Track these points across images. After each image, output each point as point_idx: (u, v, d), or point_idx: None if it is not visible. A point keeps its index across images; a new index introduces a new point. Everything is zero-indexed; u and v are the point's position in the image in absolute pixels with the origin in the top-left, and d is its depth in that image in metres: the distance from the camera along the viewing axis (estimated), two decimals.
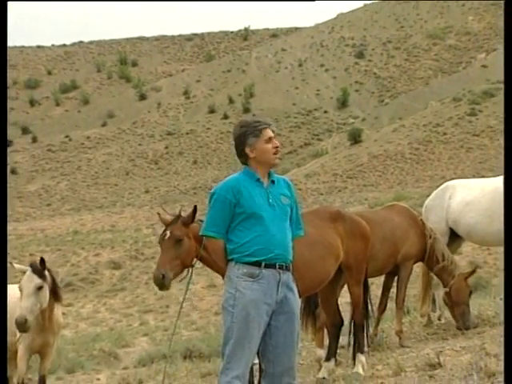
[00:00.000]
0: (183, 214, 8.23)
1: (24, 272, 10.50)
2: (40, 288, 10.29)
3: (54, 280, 10.73)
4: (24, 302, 10.21)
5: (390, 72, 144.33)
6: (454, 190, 13.17)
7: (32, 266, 10.42)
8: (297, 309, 6.86)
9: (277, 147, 6.71)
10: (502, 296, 13.15)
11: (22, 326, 10.03)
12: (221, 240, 6.74)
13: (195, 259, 7.98)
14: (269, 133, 6.70)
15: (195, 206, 8.04)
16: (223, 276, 6.89)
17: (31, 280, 10.35)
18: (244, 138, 6.73)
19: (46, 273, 10.52)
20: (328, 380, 9.58)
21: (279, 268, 6.63)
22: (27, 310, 10.14)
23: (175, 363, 14.63)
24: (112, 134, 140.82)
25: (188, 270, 7.92)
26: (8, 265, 10.02)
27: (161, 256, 8.08)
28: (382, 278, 12.12)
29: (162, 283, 7.84)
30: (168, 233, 8.08)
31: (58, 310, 11.06)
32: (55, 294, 10.69)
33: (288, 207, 6.80)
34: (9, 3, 5.34)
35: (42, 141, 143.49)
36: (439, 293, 13.02)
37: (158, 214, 8.98)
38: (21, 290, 10.40)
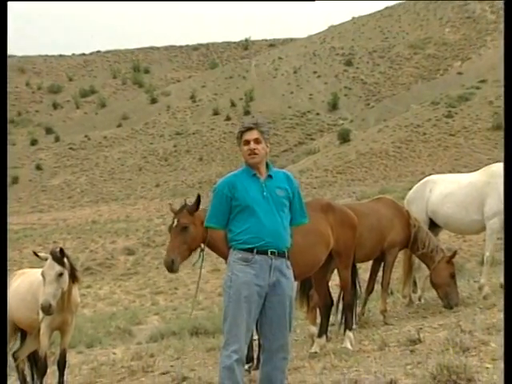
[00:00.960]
0: (189, 204, 8.39)
1: (46, 259, 10.56)
2: (60, 274, 10.43)
3: (71, 265, 10.79)
4: (47, 288, 10.34)
5: (375, 78, 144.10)
6: (433, 184, 13.18)
7: (52, 254, 10.52)
8: (290, 291, 6.90)
9: (250, 149, 6.73)
10: (476, 279, 13.18)
11: (47, 310, 10.23)
12: (221, 230, 6.82)
13: (202, 244, 8.09)
14: (246, 136, 6.78)
15: (198, 195, 8.21)
16: (226, 261, 6.95)
17: (52, 268, 10.45)
18: (237, 140, 6.95)
19: (65, 260, 10.58)
20: (320, 354, 9.59)
21: (271, 254, 6.70)
22: (50, 295, 10.28)
23: (183, 339, 14.63)
24: (126, 133, 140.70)
25: (199, 256, 8.01)
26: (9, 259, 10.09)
27: (170, 243, 8.29)
28: (370, 263, 12.13)
29: (171, 267, 8.03)
30: (175, 221, 8.28)
31: (76, 291, 11.12)
32: (73, 277, 10.75)
33: (284, 199, 6.84)
34: (9, 3, 5.16)
35: (64, 140, 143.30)
36: (420, 276, 13.06)
37: (170, 204, 9.21)
38: (43, 276, 10.45)
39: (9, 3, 5.10)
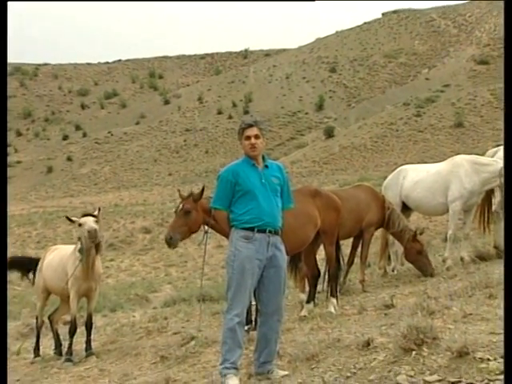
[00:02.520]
0: (195, 191, 8.55)
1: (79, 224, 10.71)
2: (96, 222, 10.67)
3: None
4: (92, 224, 10.52)
5: (355, 83, 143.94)
6: (406, 173, 13.18)
7: (87, 214, 10.97)
8: (284, 264, 6.92)
9: (251, 143, 6.76)
10: (441, 254, 13.19)
11: (95, 237, 10.48)
12: (225, 211, 6.82)
13: (206, 227, 8.17)
14: (247, 132, 6.79)
15: (203, 187, 8.39)
16: (228, 238, 6.95)
17: (88, 218, 10.70)
18: (238, 135, 6.96)
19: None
20: (308, 317, 9.60)
21: (269, 232, 6.75)
22: (97, 231, 10.51)
23: (192, 305, 14.64)
24: (143, 130, 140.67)
25: (203, 237, 8.06)
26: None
27: (172, 222, 8.61)
28: (350, 240, 12.13)
29: (169, 242, 8.42)
30: (181, 206, 8.45)
31: (99, 262, 11.16)
32: (97, 249, 10.76)
33: (277, 186, 6.88)
34: (9, 3, 4.98)
35: (91, 135, 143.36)
36: (393, 250, 13.07)
37: (178, 190, 9.32)
38: (82, 223, 10.62)
39: (9, 3, 4.91)
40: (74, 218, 10.96)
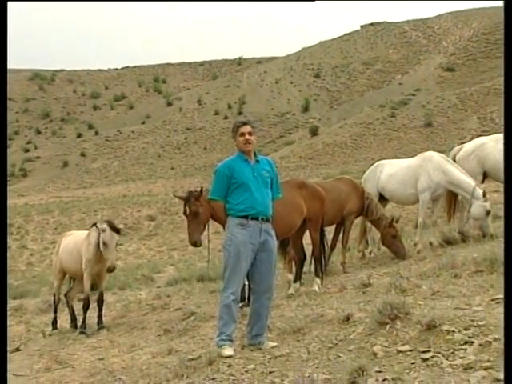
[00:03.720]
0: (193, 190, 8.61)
1: (103, 230, 10.69)
2: (117, 243, 10.81)
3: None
4: (110, 253, 10.59)
5: (337, 87, 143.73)
6: (382, 167, 13.17)
7: (110, 226, 10.81)
8: (274, 248, 6.92)
9: (246, 139, 6.75)
10: (412, 239, 13.21)
11: (113, 269, 10.69)
12: (222, 201, 6.82)
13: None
14: (241, 129, 6.78)
15: (201, 188, 8.47)
16: (224, 226, 6.95)
17: (112, 237, 10.67)
18: (232, 133, 6.91)
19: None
20: (295, 295, 9.61)
21: (261, 220, 6.75)
22: (113, 259, 10.66)
23: (192, 284, 14.64)
24: (149, 129, 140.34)
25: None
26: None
27: (189, 227, 8.45)
28: (333, 227, 12.13)
29: (196, 245, 8.57)
30: (187, 208, 8.40)
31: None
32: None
33: (268, 179, 6.87)
34: (9, 4, 4.71)
35: (102, 134, 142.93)
36: (371, 236, 13.09)
37: (174, 195, 9.47)
38: (105, 243, 10.62)
39: (9, 3, 4.65)
40: (99, 225, 10.91)
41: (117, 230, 10.75)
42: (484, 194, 11.31)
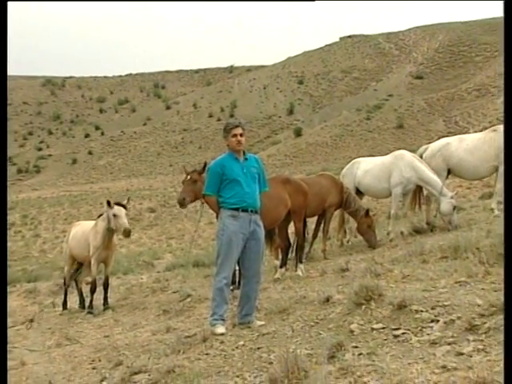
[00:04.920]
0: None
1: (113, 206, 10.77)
2: (126, 213, 10.79)
3: None
4: (124, 219, 10.60)
5: (319, 93, 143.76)
6: (359, 164, 13.17)
7: (119, 204, 10.91)
8: (262, 237, 6.91)
9: (238, 140, 6.73)
10: (385, 228, 13.23)
11: (129, 233, 10.68)
12: (215, 196, 6.81)
13: (203, 199, 8.14)
14: (234, 131, 6.74)
15: (205, 163, 8.60)
16: (217, 217, 6.94)
17: (121, 210, 10.75)
18: (224, 134, 6.87)
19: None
20: (280, 279, 9.61)
21: (250, 212, 6.74)
22: (127, 223, 10.62)
23: (188, 269, 14.62)
24: (149, 130, 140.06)
25: (200, 210, 8.45)
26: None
27: (183, 187, 9.16)
28: (315, 218, 12.14)
29: (181, 203, 9.03)
30: (189, 176, 9.06)
31: (115, 236, 11.14)
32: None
33: (256, 174, 6.87)
34: (9, 3, 4.51)
35: (107, 134, 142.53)
36: (349, 226, 13.10)
37: (183, 166, 9.79)
38: (117, 214, 10.64)
39: (9, 3, 4.43)
40: (111, 204, 10.88)
41: (123, 206, 10.82)
42: (453, 195, 11.43)
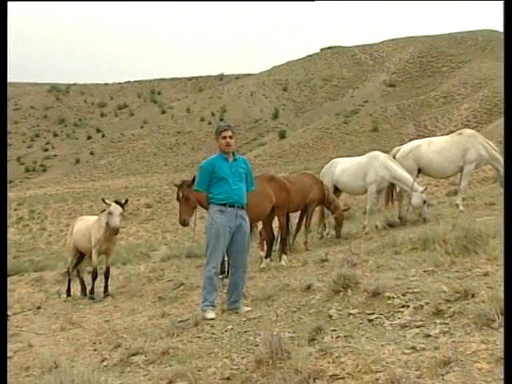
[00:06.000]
0: (185, 179, 8.57)
1: (110, 204, 10.75)
2: (121, 213, 10.74)
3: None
4: (116, 218, 10.59)
5: (301, 99, 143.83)
6: (337, 164, 13.15)
7: (117, 202, 10.86)
8: (248, 230, 6.92)
9: (227, 142, 6.72)
10: (361, 222, 13.27)
11: (117, 231, 10.69)
12: (205, 192, 6.81)
13: (196, 203, 8.35)
14: (223, 133, 6.74)
15: (194, 177, 8.26)
16: (207, 211, 6.94)
17: (117, 208, 10.67)
18: (215, 136, 6.87)
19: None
20: (266, 269, 9.59)
21: (237, 207, 6.74)
22: (118, 222, 10.60)
23: (182, 260, 14.61)
24: (146, 132, 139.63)
25: (194, 217, 8.54)
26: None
27: (180, 208, 8.55)
28: (298, 213, 12.14)
29: (184, 224, 8.52)
30: (181, 193, 8.51)
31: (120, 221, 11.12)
32: (116, 232, 10.81)
33: (243, 174, 6.86)
34: (9, 3, 4.38)
35: (107, 136, 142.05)
36: (328, 221, 13.11)
37: (171, 182, 9.52)
38: (111, 212, 10.63)
39: (9, 3, 4.30)
40: (108, 202, 10.87)
41: (120, 204, 10.76)
42: (423, 190, 11.47)
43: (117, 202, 10.82)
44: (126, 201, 11.11)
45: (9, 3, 4.56)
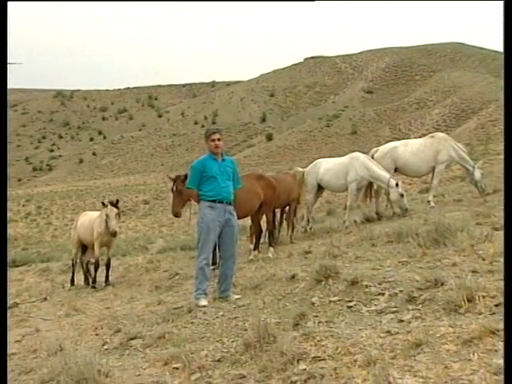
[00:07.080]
0: (180, 175, 8.62)
1: (107, 205, 10.74)
2: (118, 214, 10.70)
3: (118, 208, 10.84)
4: (112, 221, 10.56)
5: (287, 104, 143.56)
6: (320, 164, 13.13)
7: (111, 203, 10.80)
8: (235, 224, 6.95)
9: (216, 144, 6.75)
10: (342, 218, 13.28)
11: (115, 233, 10.65)
12: (196, 190, 6.81)
13: (191, 198, 8.28)
14: (212, 136, 6.78)
15: (186, 174, 8.25)
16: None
17: (113, 210, 10.65)
18: (205, 138, 6.90)
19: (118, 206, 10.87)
20: (254, 260, 9.61)
21: (225, 203, 6.78)
22: (115, 225, 10.60)
23: (177, 252, 14.58)
24: (144, 134, 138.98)
25: (188, 207, 8.45)
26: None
27: (173, 201, 8.52)
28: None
29: (176, 215, 8.38)
30: (174, 187, 8.48)
31: (117, 223, 11.08)
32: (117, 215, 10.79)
33: (230, 173, 6.92)
34: (9, 3, 4.26)
35: (109, 138, 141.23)
36: (311, 216, 13.11)
37: (167, 175, 9.33)
38: (108, 215, 10.61)
39: (9, 3, 4.17)
40: (105, 203, 10.90)
41: (115, 205, 10.72)
42: (397, 184, 11.47)
43: (111, 204, 10.79)
44: (117, 201, 11.09)
45: (22, 18, 4.22)
